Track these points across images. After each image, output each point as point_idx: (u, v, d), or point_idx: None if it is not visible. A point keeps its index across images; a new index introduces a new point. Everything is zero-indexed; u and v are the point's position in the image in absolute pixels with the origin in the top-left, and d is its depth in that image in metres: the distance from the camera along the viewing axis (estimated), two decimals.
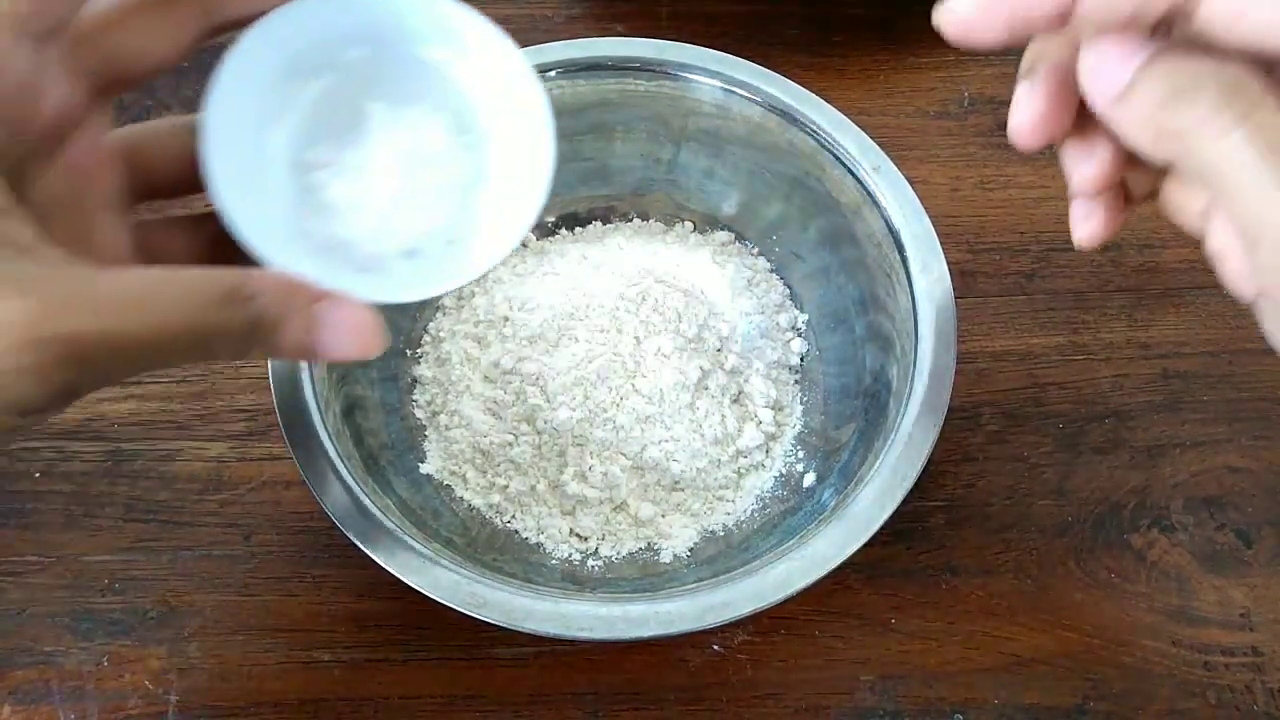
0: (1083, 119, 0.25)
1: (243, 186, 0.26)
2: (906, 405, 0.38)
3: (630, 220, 0.50)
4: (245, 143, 0.27)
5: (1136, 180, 0.27)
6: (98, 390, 0.23)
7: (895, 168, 0.43)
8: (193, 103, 0.27)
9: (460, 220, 0.28)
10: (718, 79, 0.45)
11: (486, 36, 0.27)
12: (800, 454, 0.44)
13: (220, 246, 0.27)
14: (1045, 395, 0.47)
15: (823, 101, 0.45)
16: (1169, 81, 0.21)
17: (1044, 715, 0.40)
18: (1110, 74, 0.22)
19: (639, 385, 0.43)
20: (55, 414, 0.23)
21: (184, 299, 0.22)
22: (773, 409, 0.45)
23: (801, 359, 0.47)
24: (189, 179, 0.27)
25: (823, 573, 0.35)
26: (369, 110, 0.28)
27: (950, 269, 0.41)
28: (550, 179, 0.27)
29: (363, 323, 0.24)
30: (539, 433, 0.43)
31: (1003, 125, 0.34)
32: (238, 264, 0.27)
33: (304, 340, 0.23)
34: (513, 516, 0.42)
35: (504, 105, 0.29)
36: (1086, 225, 0.27)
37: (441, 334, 0.46)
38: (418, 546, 0.35)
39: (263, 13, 0.27)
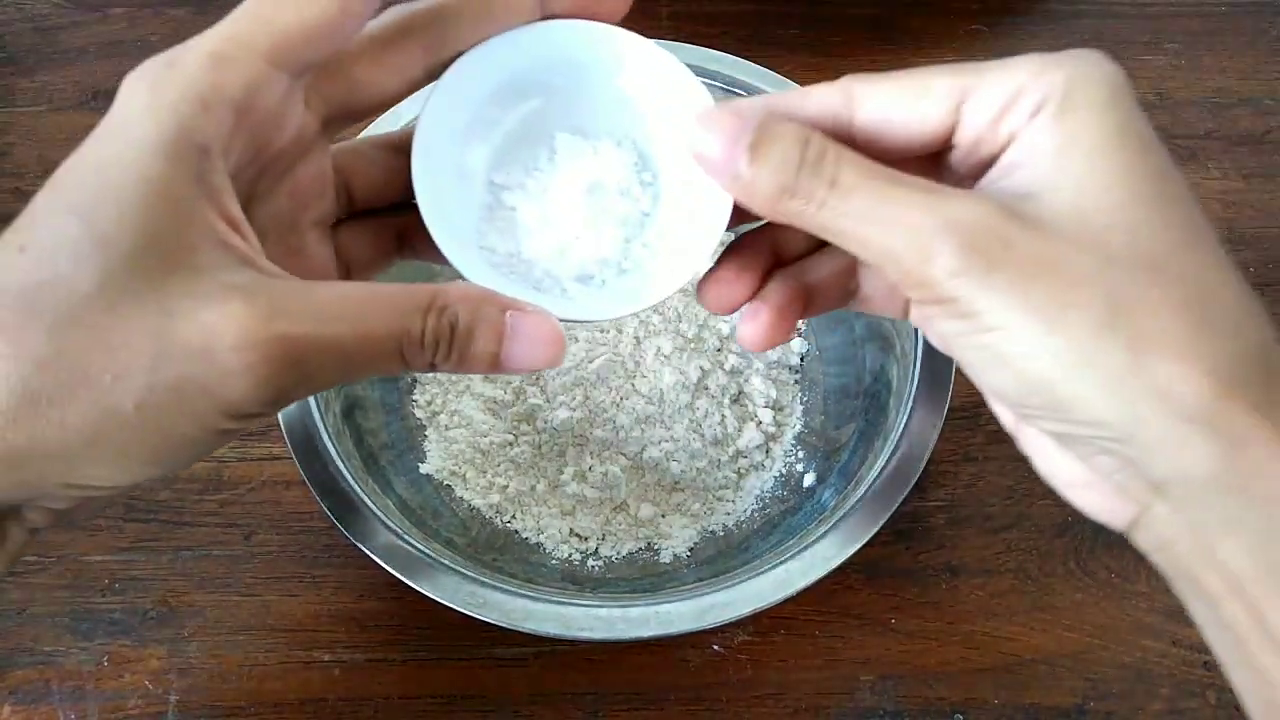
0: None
1: (443, 202, 0.27)
2: (906, 405, 0.38)
3: None
4: (449, 160, 0.28)
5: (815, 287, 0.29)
6: (301, 399, 0.24)
7: None
8: None
9: (634, 251, 0.29)
10: (718, 79, 0.45)
11: (681, 79, 0.28)
12: (800, 454, 0.44)
13: (399, 247, 0.30)
14: None
15: None
16: (763, 169, 0.24)
17: (1044, 715, 0.40)
18: (721, 149, 0.24)
19: (639, 385, 0.43)
20: (258, 423, 0.24)
21: (387, 309, 0.23)
22: (772, 409, 0.45)
23: (801, 359, 0.47)
24: (388, 194, 0.29)
25: (823, 573, 0.35)
26: (561, 139, 0.30)
27: None
28: (727, 220, 0.28)
29: (549, 334, 0.25)
30: (539, 433, 0.43)
31: None
32: (414, 258, 0.30)
33: (493, 349, 0.24)
34: (513, 516, 0.42)
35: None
36: (750, 326, 0.29)
37: None
38: (418, 546, 0.35)
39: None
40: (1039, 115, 0.23)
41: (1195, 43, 0.59)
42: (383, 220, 0.30)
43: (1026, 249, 0.22)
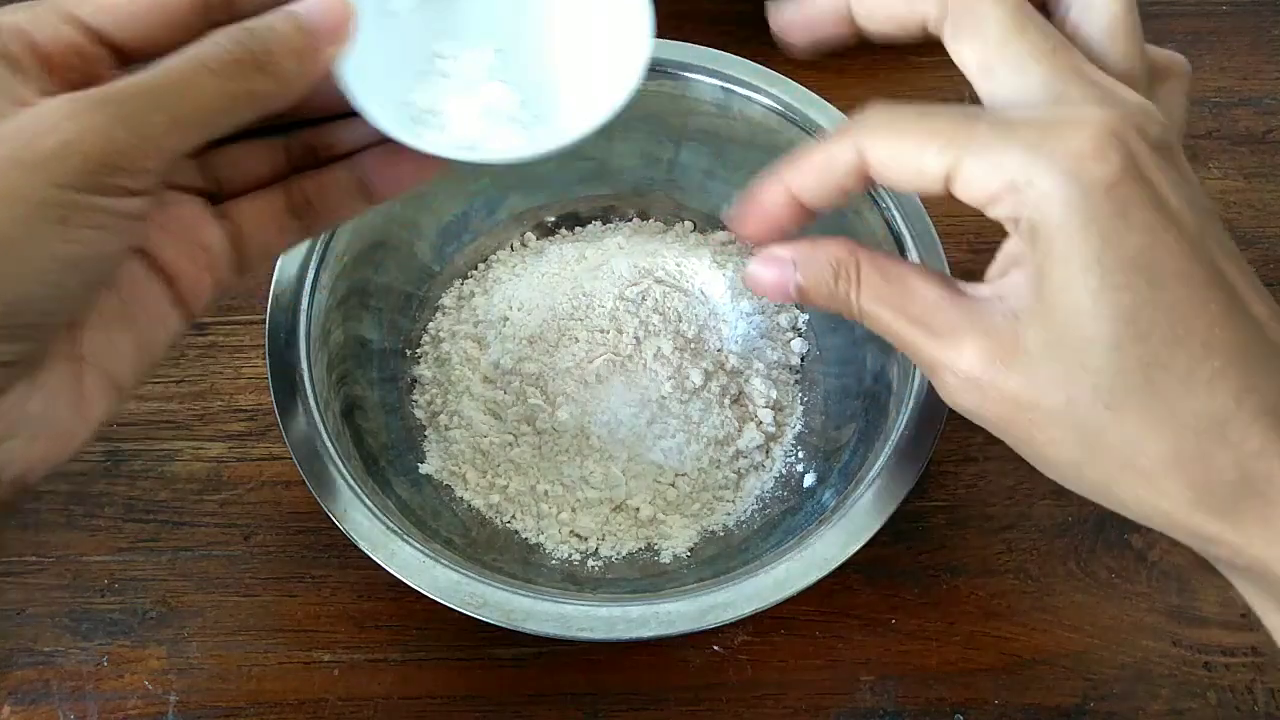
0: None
1: (363, 54, 0.27)
2: (906, 405, 0.38)
3: (630, 220, 0.50)
4: (371, 15, 0.28)
5: None
6: (157, 164, 0.24)
7: None
8: None
9: (550, 97, 0.30)
10: (718, 78, 0.45)
11: None
12: (800, 454, 0.44)
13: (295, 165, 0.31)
14: None
15: (823, 101, 0.45)
16: (805, 281, 0.30)
17: (1044, 715, 0.40)
18: (776, 279, 0.30)
19: (639, 385, 0.43)
20: (124, 205, 0.23)
21: (183, 51, 0.24)
22: (773, 409, 0.45)
23: (802, 359, 0.47)
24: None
25: (823, 573, 0.35)
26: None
27: (951, 269, 0.41)
28: (646, 65, 0.29)
29: None
30: (539, 433, 0.43)
31: None
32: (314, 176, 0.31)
33: (293, 22, 0.25)
34: (512, 516, 0.42)
35: None
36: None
37: (441, 334, 0.46)
38: (418, 546, 0.35)
39: None
40: (1018, 233, 0.25)
41: (1195, 43, 0.59)
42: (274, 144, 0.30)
43: (1005, 388, 0.25)
